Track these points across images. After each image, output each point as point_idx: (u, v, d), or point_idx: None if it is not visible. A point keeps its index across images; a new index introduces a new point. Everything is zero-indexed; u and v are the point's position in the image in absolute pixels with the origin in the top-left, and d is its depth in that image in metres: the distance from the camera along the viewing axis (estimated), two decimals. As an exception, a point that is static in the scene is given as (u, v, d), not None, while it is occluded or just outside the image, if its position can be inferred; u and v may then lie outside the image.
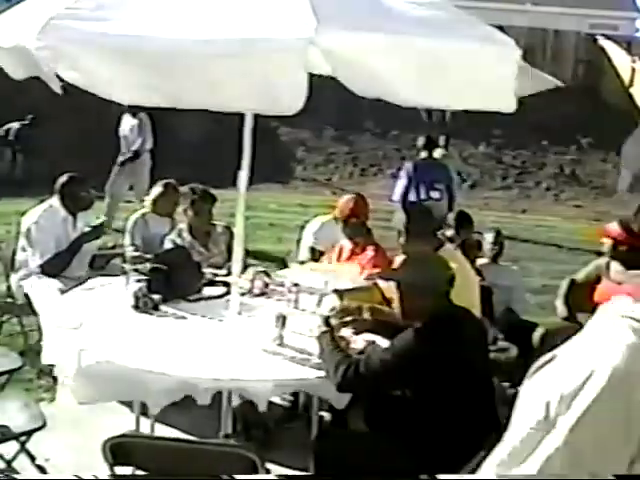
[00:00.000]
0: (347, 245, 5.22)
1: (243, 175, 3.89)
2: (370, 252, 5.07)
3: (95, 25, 2.97)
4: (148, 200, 6.02)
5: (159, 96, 3.06)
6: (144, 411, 4.06)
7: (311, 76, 2.86)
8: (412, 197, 8.44)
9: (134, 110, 9.43)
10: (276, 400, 4.69)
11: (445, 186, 8.50)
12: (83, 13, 3.02)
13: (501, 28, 3.84)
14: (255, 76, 2.88)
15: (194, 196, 5.36)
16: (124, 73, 2.97)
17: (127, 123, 9.80)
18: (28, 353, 5.12)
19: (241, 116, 3.84)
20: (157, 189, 5.96)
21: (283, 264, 6.17)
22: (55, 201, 5.47)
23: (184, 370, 3.37)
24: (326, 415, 4.26)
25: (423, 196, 8.42)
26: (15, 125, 13.76)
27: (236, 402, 3.86)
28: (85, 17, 3.00)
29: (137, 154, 9.73)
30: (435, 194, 8.44)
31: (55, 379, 5.07)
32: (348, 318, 3.82)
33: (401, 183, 8.62)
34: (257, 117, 3.85)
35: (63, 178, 5.51)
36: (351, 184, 16.74)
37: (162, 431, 4.22)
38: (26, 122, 13.84)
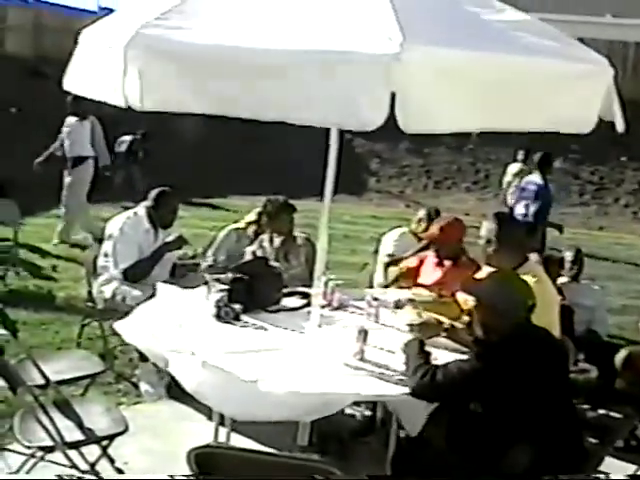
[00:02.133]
0: (433, 261, 5.12)
1: (328, 188, 3.88)
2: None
3: (182, 36, 3.00)
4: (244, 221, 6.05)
5: (242, 108, 3.04)
6: (221, 420, 4.09)
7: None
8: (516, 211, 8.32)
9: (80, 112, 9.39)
10: (353, 413, 4.69)
11: (533, 202, 8.27)
12: (170, 24, 3.05)
13: (581, 41, 3.74)
14: (338, 90, 2.86)
15: (275, 207, 5.38)
16: (207, 84, 2.99)
17: (68, 126, 9.60)
18: (107, 357, 5.22)
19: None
20: (251, 216, 5.99)
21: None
22: (141, 210, 5.55)
23: (267, 382, 3.37)
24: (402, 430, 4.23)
25: (523, 210, 8.27)
26: (128, 138, 14.33)
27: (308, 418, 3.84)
28: (172, 28, 3.03)
29: (80, 160, 9.59)
30: (521, 209, 8.28)
31: (134, 384, 5.18)
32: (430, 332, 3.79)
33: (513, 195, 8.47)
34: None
35: (155, 191, 5.60)
36: (425, 197, 16.66)
37: (237, 441, 4.24)
38: (138, 136, 14.41)
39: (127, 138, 14.51)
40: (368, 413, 4.75)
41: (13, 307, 6.05)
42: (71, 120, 9.49)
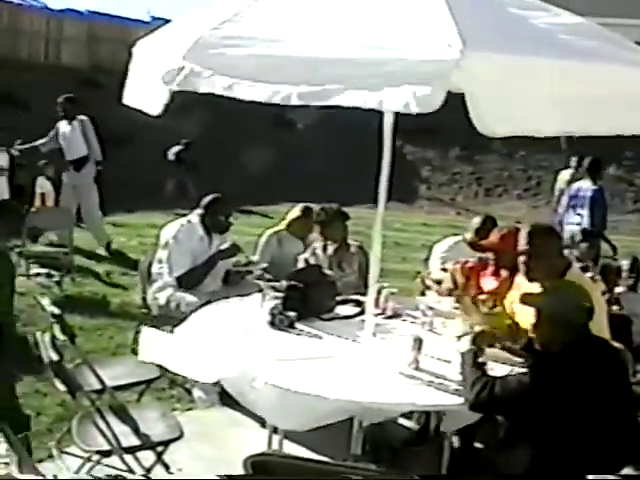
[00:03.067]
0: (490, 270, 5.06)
1: (381, 195, 3.86)
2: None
3: (239, 45, 3.01)
4: (285, 220, 6.12)
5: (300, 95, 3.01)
6: (274, 428, 4.10)
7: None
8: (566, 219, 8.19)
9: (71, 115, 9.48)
10: (406, 423, 4.66)
11: (587, 208, 8.10)
12: (227, 34, 3.06)
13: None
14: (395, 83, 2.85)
15: (328, 215, 5.38)
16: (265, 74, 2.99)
17: (64, 129, 9.64)
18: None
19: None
20: (296, 212, 6.09)
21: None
22: (194, 217, 5.60)
23: (323, 390, 3.36)
24: (454, 440, 4.19)
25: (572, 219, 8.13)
26: (176, 148, 14.58)
27: (365, 423, 3.83)
28: (229, 37, 3.05)
29: (81, 162, 9.64)
30: (575, 218, 8.13)
31: (188, 390, 5.22)
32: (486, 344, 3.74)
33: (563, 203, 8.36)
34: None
35: (208, 198, 5.65)
36: (475, 204, 16.54)
37: (290, 449, 4.24)
38: (184, 145, 14.65)
39: (176, 147, 14.74)
40: (420, 423, 4.71)
41: (69, 313, 6.15)
42: (62, 123, 9.61)
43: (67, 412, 4.72)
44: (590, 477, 3.07)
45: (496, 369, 3.61)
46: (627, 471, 3.27)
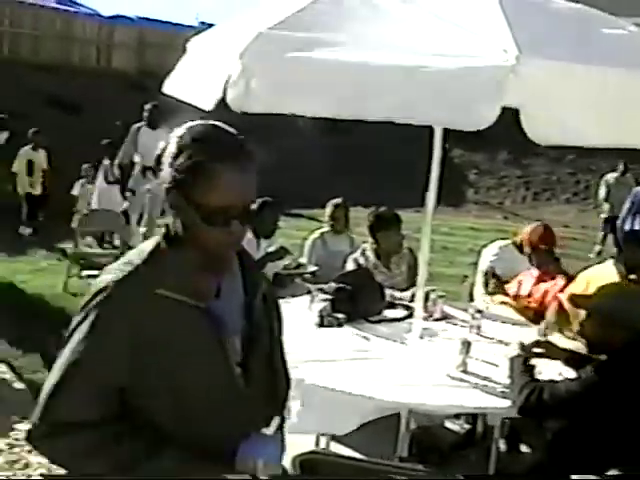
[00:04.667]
0: (532, 273, 5.08)
1: (430, 198, 3.88)
2: (561, 281, 4.87)
3: (296, 44, 3.04)
4: (325, 219, 6.19)
5: (349, 109, 3.05)
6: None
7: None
8: (627, 226, 8.05)
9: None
10: (452, 426, 4.65)
11: None
12: (284, 33, 3.10)
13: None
14: (448, 95, 2.86)
15: (381, 220, 5.37)
16: (317, 87, 3.02)
17: (146, 136, 9.74)
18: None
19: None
20: (330, 208, 6.14)
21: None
22: (243, 221, 5.66)
23: (372, 392, 3.39)
24: (501, 444, 4.17)
25: (638, 226, 7.98)
26: None
27: (412, 425, 3.84)
28: (287, 37, 3.08)
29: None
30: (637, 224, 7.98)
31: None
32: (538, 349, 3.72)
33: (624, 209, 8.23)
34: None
35: (257, 201, 5.69)
36: (523, 208, 16.39)
37: (337, 450, 4.25)
38: None
39: None
40: (467, 426, 4.70)
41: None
42: (144, 130, 9.77)
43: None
44: (574, 477, 3.05)
45: (545, 373, 3.59)
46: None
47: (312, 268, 5.78)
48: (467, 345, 3.64)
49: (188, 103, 3.44)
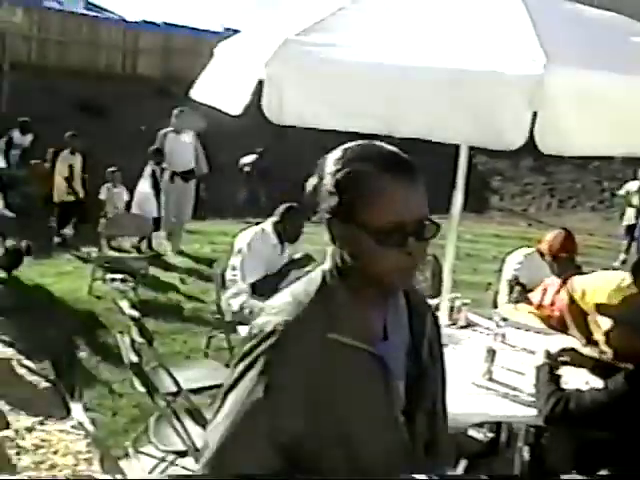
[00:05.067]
0: (555, 281, 5.05)
1: (456, 205, 3.87)
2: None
3: (322, 52, 3.03)
4: None
5: (376, 123, 3.01)
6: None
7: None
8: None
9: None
10: (476, 435, 4.62)
11: None
12: (311, 40, 3.09)
13: None
14: (478, 109, 2.86)
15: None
16: (346, 99, 3.01)
17: (175, 140, 9.94)
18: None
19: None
20: None
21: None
22: (268, 226, 5.67)
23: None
24: (525, 452, 4.15)
25: None
26: (250, 157, 14.83)
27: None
28: (313, 44, 3.07)
29: (189, 174, 9.95)
30: None
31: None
32: (564, 357, 3.70)
33: None
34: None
35: (283, 207, 5.72)
36: (548, 216, 16.29)
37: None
38: (258, 154, 14.90)
39: (249, 157, 14.94)
40: (490, 435, 4.67)
41: (143, 317, 6.28)
42: (172, 135, 9.92)
43: (142, 413, 4.85)
44: (564, 477, 3.01)
45: (571, 382, 3.57)
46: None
47: None
48: (492, 353, 3.63)
49: (216, 108, 3.46)
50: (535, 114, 2.75)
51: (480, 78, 2.84)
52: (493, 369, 3.63)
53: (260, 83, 3.02)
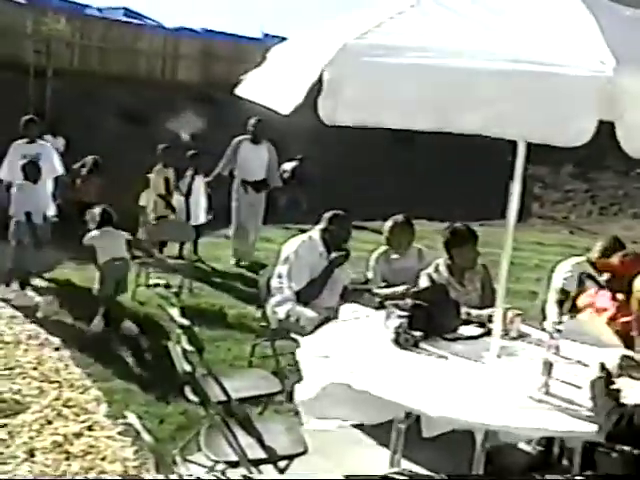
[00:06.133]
0: (607, 294, 4.95)
1: (511, 213, 3.81)
2: None
3: (382, 54, 3.00)
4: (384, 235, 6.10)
5: (434, 120, 3.00)
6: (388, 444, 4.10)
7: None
8: None
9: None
10: (525, 447, 4.55)
11: None
12: (370, 42, 3.07)
13: None
14: (541, 106, 2.81)
15: (457, 234, 5.30)
16: (409, 99, 2.97)
17: (248, 149, 9.74)
18: (278, 376, 5.32)
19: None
20: (388, 225, 6.06)
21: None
22: (315, 233, 5.66)
23: (449, 411, 3.33)
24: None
25: None
26: (291, 164, 14.89)
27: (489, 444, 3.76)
28: (372, 46, 3.05)
29: (262, 184, 9.79)
30: None
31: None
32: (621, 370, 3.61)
33: None
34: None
35: (329, 214, 5.70)
36: (590, 223, 16.08)
37: (408, 468, 4.22)
38: (298, 160, 14.96)
39: (290, 163, 15.00)
40: (539, 448, 4.59)
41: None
42: (246, 143, 9.73)
43: (189, 421, 4.85)
44: (548, 477, 2.97)
45: (630, 397, 3.49)
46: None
47: (381, 289, 5.70)
48: (549, 366, 3.55)
49: (263, 106, 3.43)
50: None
51: (546, 78, 2.79)
52: (550, 382, 3.56)
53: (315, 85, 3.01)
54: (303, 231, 6.19)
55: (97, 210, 7.23)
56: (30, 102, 15.12)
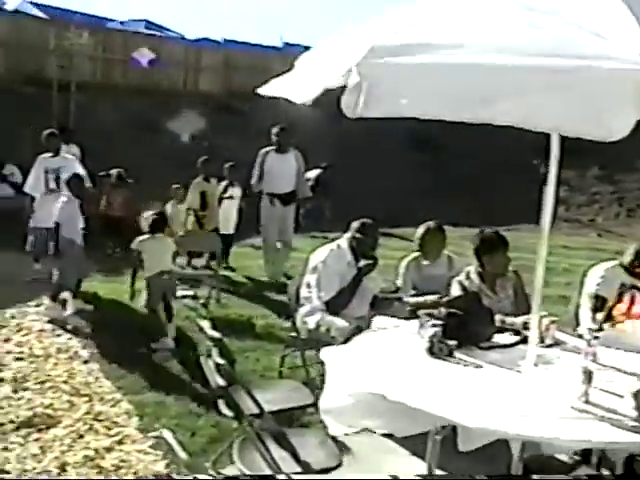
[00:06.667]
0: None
1: (546, 218, 3.75)
2: None
3: (414, 51, 2.97)
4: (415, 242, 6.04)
5: (473, 111, 2.96)
6: (422, 454, 4.04)
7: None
8: None
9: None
10: (561, 456, 4.47)
11: None
12: (403, 41, 3.03)
13: None
14: (582, 99, 2.76)
15: (488, 240, 5.23)
16: (440, 89, 2.95)
17: (277, 161, 9.40)
18: (309, 387, 5.27)
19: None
20: (420, 231, 5.99)
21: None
22: (343, 242, 5.62)
23: (488, 422, 3.26)
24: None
25: None
26: (313, 173, 14.91)
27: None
28: (405, 45, 3.00)
29: (290, 196, 9.54)
30: None
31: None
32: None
33: None
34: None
35: (357, 222, 5.66)
36: (617, 225, 15.91)
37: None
38: (323, 168, 15.09)
39: (314, 172, 14.99)
40: (576, 457, 4.50)
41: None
42: (272, 154, 9.45)
43: (221, 434, 4.81)
44: (534, 477, 3.05)
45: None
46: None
47: (410, 297, 5.64)
48: (589, 374, 3.47)
49: (281, 97, 3.40)
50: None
51: (582, 70, 2.74)
52: (590, 391, 3.48)
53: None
54: (329, 239, 6.14)
55: (150, 214, 7.02)
56: (54, 116, 15.22)
